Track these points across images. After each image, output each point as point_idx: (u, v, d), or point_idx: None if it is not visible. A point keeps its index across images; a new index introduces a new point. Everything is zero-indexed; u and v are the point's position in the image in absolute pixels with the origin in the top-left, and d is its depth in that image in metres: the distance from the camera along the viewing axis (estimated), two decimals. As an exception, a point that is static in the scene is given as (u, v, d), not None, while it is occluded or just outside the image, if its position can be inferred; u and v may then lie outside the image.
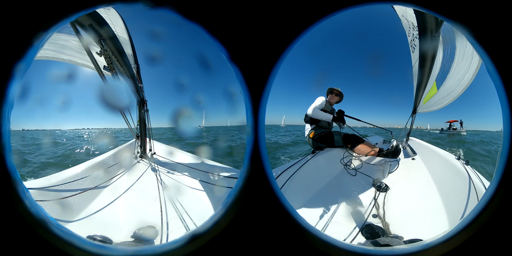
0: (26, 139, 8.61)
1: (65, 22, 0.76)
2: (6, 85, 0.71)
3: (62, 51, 2.65)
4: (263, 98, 0.82)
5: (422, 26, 3.05)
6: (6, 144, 0.73)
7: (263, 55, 0.80)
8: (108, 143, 5.72)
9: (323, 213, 2.07)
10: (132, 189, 2.46)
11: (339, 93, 3.93)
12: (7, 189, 0.72)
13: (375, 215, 2.01)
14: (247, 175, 0.84)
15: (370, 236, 1.71)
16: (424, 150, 3.36)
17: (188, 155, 3.39)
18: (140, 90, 3.31)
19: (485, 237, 0.76)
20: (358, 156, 3.28)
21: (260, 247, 0.81)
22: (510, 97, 0.74)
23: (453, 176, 2.16)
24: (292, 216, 0.83)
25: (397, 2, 0.84)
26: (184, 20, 0.78)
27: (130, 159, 3.18)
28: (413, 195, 2.32)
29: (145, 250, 0.84)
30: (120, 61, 2.64)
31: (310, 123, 3.78)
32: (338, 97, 3.93)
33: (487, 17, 0.73)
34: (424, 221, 1.86)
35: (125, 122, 3.08)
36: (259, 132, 0.85)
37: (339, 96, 3.93)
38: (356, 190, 2.54)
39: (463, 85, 3.33)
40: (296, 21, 0.78)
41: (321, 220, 1.96)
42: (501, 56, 0.73)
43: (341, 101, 4.02)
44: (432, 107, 4.13)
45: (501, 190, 0.75)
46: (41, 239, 0.74)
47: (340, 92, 3.95)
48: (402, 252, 0.81)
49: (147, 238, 1.69)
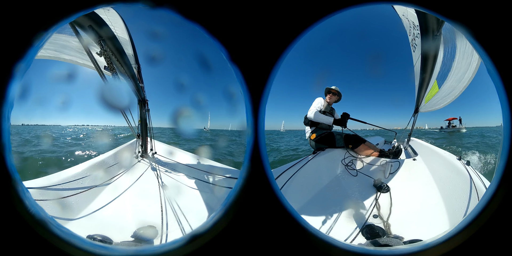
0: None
1: (65, 22, 0.76)
2: (6, 85, 0.71)
3: (63, 51, 2.66)
4: (263, 98, 0.82)
5: (424, 25, 3.04)
6: (6, 144, 0.74)
7: (263, 55, 0.80)
8: (105, 144, 5.38)
9: (324, 214, 2.07)
10: (133, 189, 2.46)
11: (337, 93, 3.86)
12: (7, 189, 0.72)
13: (375, 215, 2.01)
14: (247, 175, 0.84)
15: (370, 236, 1.71)
16: (425, 151, 3.35)
17: (189, 155, 3.40)
18: (141, 89, 3.32)
19: (485, 237, 0.75)
20: (359, 157, 3.27)
21: (260, 247, 0.81)
22: (510, 96, 0.74)
23: (454, 176, 2.15)
24: (293, 216, 0.83)
25: (397, 2, 0.84)
26: (184, 20, 0.78)
27: (130, 159, 3.19)
28: (414, 195, 2.32)
29: (145, 250, 0.84)
30: (121, 61, 2.65)
31: (310, 125, 3.75)
32: (337, 97, 3.86)
33: (487, 17, 0.72)
34: (424, 221, 1.86)
35: (126, 121, 3.09)
36: (259, 132, 0.85)
37: (337, 96, 3.86)
38: (357, 191, 2.54)
39: (464, 83, 3.32)
40: (296, 21, 0.78)
41: (322, 220, 1.96)
42: (501, 56, 0.73)
43: (340, 100, 3.94)
44: (434, 106, 4.10)
45: (502, 189, 0.75)
46: (41, 239, 0.74)
47: (338, 92, 3.87)
48: (402, 252, 0.81)
49: (147, 238, 1.70)
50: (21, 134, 8.48)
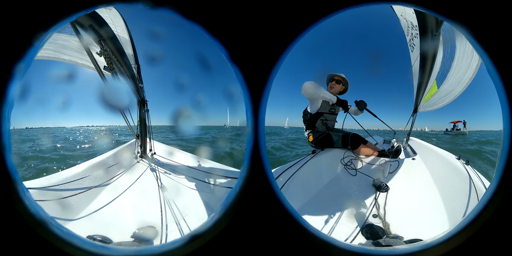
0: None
1: (65, 22, 0.76)
2: (6, 85, 0.71)
3: (63, 51, 2.65)
4: (263, 98, 0.83)
5: (423, 25, 3.04)
6: (6, 144, 0.74)
7: (263, 55, 0.80)
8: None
9: (323, 213, 2.07)
10: (132, 189, 2.46)
11: (342, 80, 3.12)
12: (7, 189, 0.72)
13: (375, 215, 2.01)
14: (247, 175, 0.84)
15: (370, 236, 1.71)
16: (424, 150, 3.36)
17: (188, 155, 3.39)
18: (141, 90, 3.32)
19: (485, 237, 0.75)
20: (358, 157, 3.27)
21: (260, 247, 0.81)
22: (510, 97, 0.74)
23: (453, 176, 2.16)
24: (292, 216, 0.83)
25: (397, 2, 0.84)
26: (184, 20, 0.78)
27: (130, 159, 3.19)
28: (413, 195, 2.32)
29: (145, 250, 0.84)
30: (121, 61, 2.65)
31: (306, 126, 3.52)
32: (341, 86, 3.15)
33: (487, 17, 0.73)
34: (424, 221, 1.86)
35: (125, 121, 3.08)
36: (259, 132, 0.85)
37: (342, 84, 3.13)
38: (356, 190, 2.54)
39: (463, 84, 3.32)
40: (296, 21, 0.78)
41: (321, 220, 1.96)
42: (501, 56, 0.73)
43: (347, 90, 3.20)
44: (433, 106, 4.10)
45: (502, 189, 0.75)
46: (41, 239, 0.74)
47: (343, 79, 3.11)
48: (402, 252, 0.81)
49: (147, 238, 1.69)
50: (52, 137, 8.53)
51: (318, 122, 3.49)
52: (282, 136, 11.49)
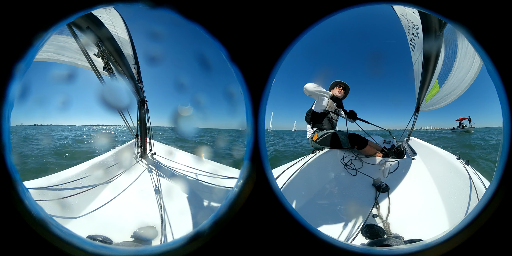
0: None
1: (65, 22, 0.76)
2: (6, 85, 0.71)
3: (62, 53, 2.65)
4: (263, 98, 0.83)
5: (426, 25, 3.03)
6: (6, 144, 0.74)
7: (263, 55, 0.80)
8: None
9: (323, 213, 2.07)
10: (132, 189, 2.46)
11: (345, 87, 3.52)
12: (7, 189, 0.72)
13: (375, 215, 2.01)
14: (247, 175, 0.84)
15: (370, 236, 1.71)
16: (424, 150, 3.36)
17: (188, 155, 3.39)
18: (140, 90, 3.31)
19: (485, 237, 0.75)
20: (359, 156, 3.27)
21: (260, 247, 0.81)
22: (510, 97, 0.74)
23: (453, 176, 2.16)
24: (292, 216, 0.83)
25: (397, 2, 0.84)
26: (184, 20, 0.78)
27: (130, 159, 3.19)
28: (413, 195, 2.32)
29: (145, 250, 0.84)
30: (119, 62, 2.64)
31: (312, 124, 3.56)
32: (344, 92, 3.53)
33: (487, 17, 0.72)
34: (424, 221, 1.86)
35: (124, 122, 3.08)
36: (259, 132, 0.85)
37: (344, 91, 3.52)
38: (356, 190, 2.54)
39: (465, 83, 3.31)
40: (296, 21, 0.78)
41: (321, 220, 1.96)
42: (501, 56, 0.73)
43: (345, 97, 3.59)
44: (435, 105, 4.09)
45: (502, 189, 0.75)
46: (41, 239, 0.74)
47: (346, 86, 3.52)
48: (402, 252, 0.81)
49: (147, 238, 1.70)
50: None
51: (325, 119, 3.57)
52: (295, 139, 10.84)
